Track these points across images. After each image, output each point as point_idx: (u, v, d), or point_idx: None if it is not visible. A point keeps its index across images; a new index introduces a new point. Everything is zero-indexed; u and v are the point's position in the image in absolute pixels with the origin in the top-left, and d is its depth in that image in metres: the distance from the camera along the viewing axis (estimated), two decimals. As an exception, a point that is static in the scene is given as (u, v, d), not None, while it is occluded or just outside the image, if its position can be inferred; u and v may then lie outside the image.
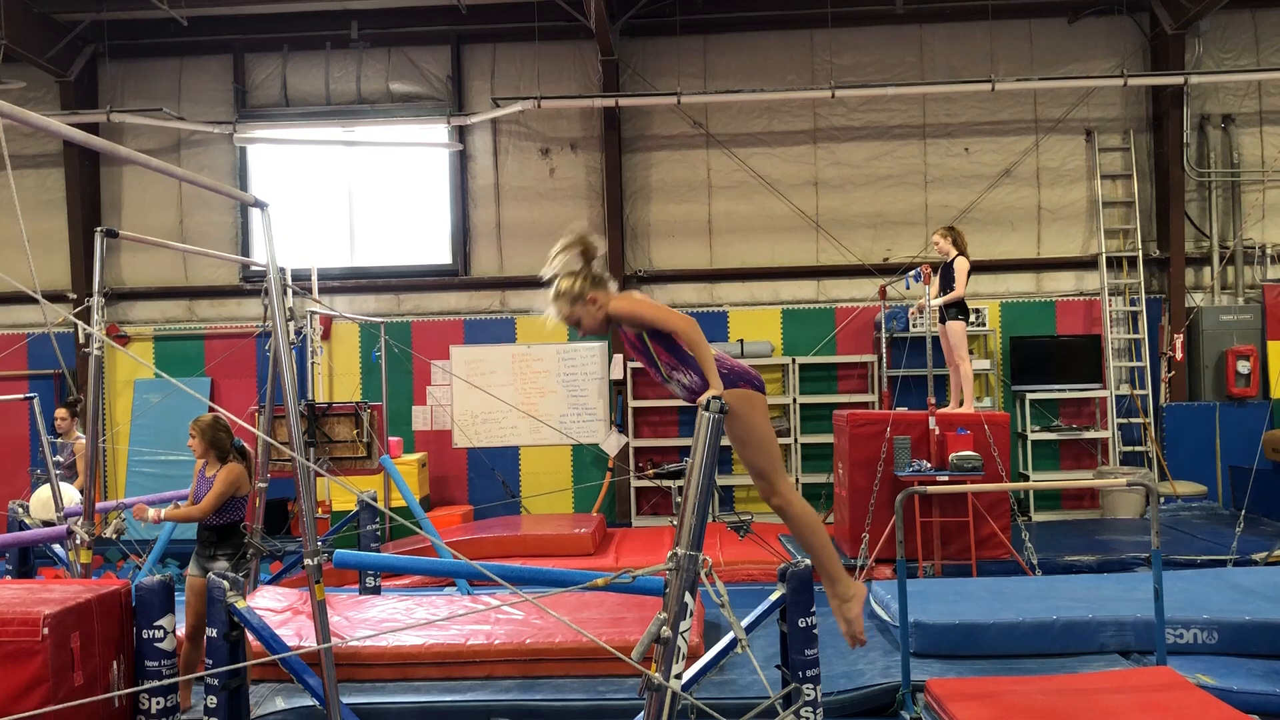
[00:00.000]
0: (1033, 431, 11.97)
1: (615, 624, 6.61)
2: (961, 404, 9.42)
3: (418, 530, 5.56)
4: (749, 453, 3.96)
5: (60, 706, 4.63)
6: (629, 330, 4.08)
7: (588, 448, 12.48)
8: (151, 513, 5.98)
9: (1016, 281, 12.41)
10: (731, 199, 12.53)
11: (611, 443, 12.33)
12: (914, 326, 11.55)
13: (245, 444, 6.36)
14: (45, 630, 4.72)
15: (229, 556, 6.05)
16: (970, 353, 9.90)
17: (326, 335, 12.30)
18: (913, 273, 9.64)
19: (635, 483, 12.28)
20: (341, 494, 10.42)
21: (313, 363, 10.60)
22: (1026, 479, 11.78)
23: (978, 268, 9.79)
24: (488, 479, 12.40)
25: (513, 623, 6.83)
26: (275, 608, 7.00)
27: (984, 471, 8.68)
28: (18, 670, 4.70)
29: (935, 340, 9.53)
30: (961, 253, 9.30)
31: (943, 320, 9.39)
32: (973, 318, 10.36)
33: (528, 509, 12.22)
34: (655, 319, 3.91)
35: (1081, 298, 12.37)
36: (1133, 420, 12.07)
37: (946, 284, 9.39)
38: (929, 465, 8.85)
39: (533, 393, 12.51)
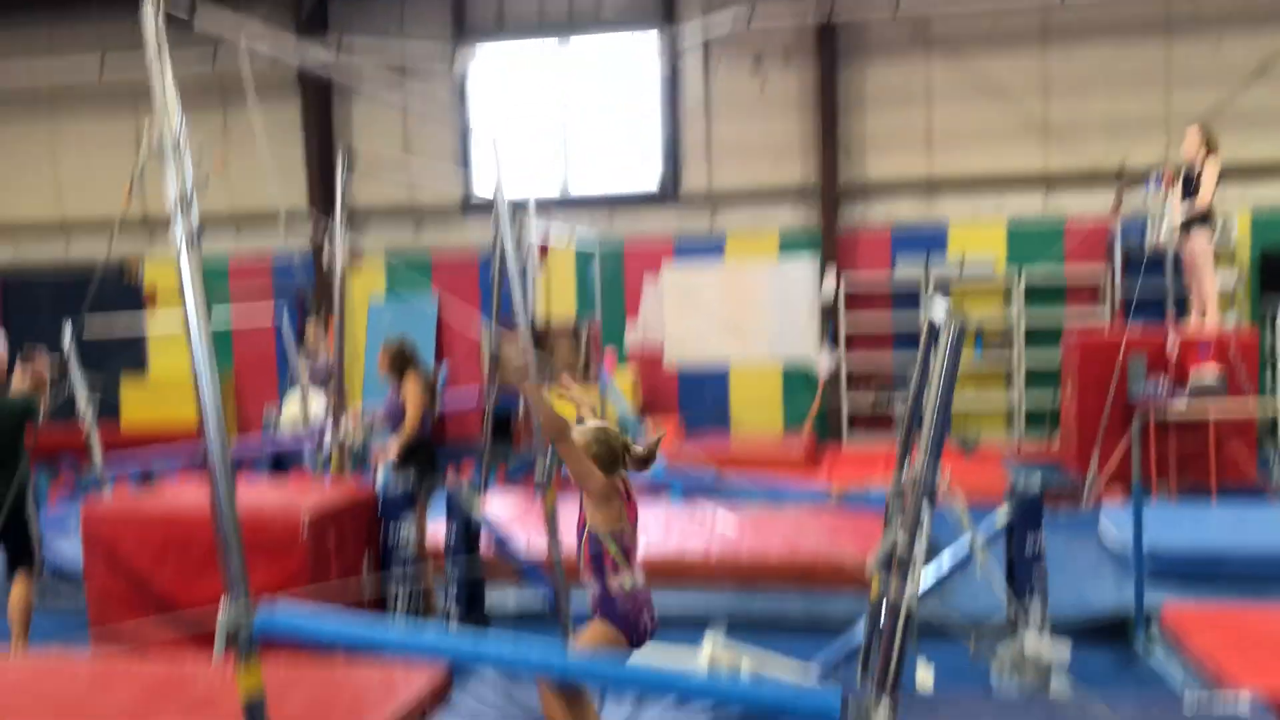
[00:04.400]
0: (1283, 351, 11.08)
1: (833, 542, 6.63)
2: (1204, 321, 8.83)
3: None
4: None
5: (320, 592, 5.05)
6: None
7: (798, 368, 12.41)
8: (386, 454, 6.26)
9: (1269, 189, 11.39)
10: (952, 107, 12.00)
11: (823, 362, 12.21)
12: (1152, 239, 10.83)
13: (430, 367, 6.55)
14: (305, 528, 5.16)
15: (418, 471, 6.12)
16: (1214, 266, 9.21)
17: (543, 256, 12.63)
18: (1152, 179, 9.03)
19: (847, 402, 12.15)
20: (561, 410, 10.75)
21: (532, 284, 10.91)
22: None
23: (1225, 173, 9.06)
24: (698, 397, 12.55)
25: (729, 536, 6.96)
26: (506, 513, 7.37)
27: (1227, 393, 8.16)
28: (283, 562, 5.16)
29: (1176, 254, 8.92)
30: (1212, 154, 8.60)
31: (1186, 231, 8.76)
32: (1219, 228, 9.61)
33: (738, 427, 12.32)
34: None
35: (1345, 205, 11.27)
36: (1402, 339, 11.00)
37: (1189, 192, 8.74)
38: (1166, 386, 8.37)
39: (743, 311, 12.48)
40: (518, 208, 9.57)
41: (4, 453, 5.45)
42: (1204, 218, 8.67)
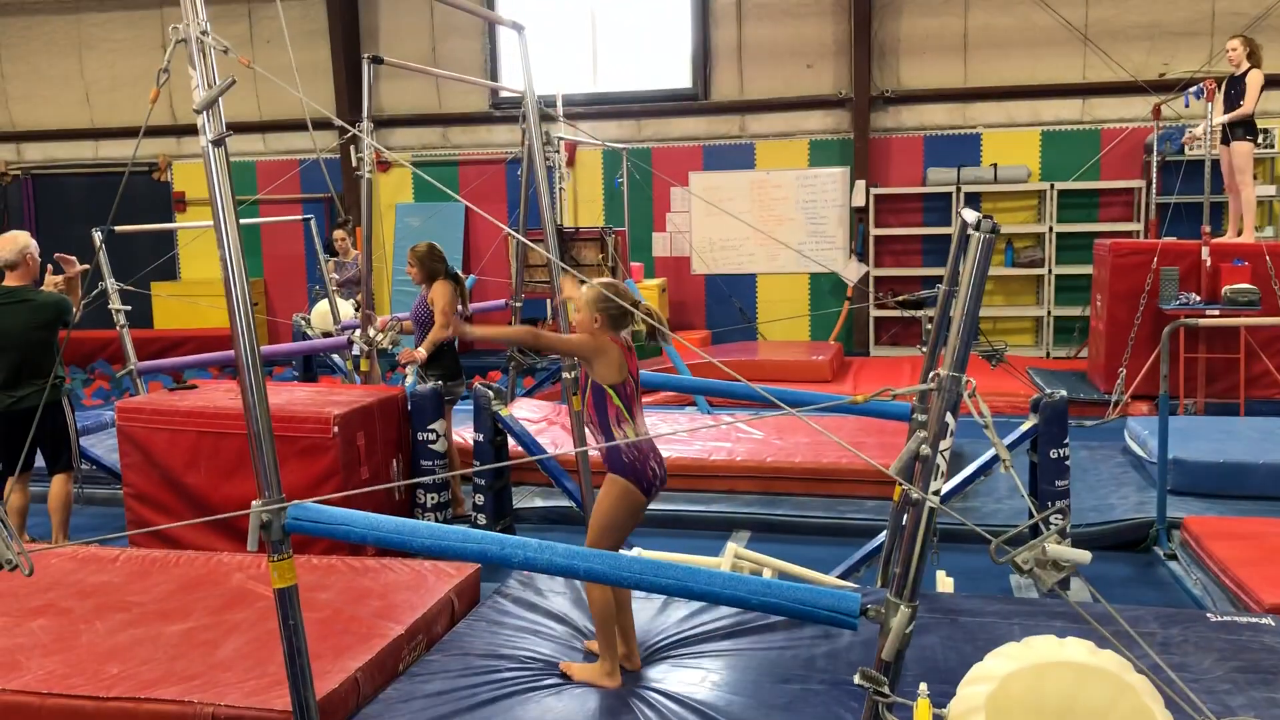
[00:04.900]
0: (1321, 265, 10.89)
1: (857, 448, 6.65)
2: (1240, 233, 8.69)
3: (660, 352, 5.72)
4: (592, 533, 3.74)
5: (350, 494, 5.15)
6: None
7: (826, 276, 12.34)
8: (418, 353, 6.28)
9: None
10: (989, 11, 11.69)
11: (851, 271, 12.13)
12: (1189, 150, 10.60)
13: (458, 271, 6.56)
14: (335, 429, 5.22)
15: (439, 376, 6.12)
16: (1254, 177, 9.03)
17: (571, 161, 12.53)
18: (1193, 89, 8.80)
19: (874, 312, 12.11)
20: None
21: (559, 188, 10.86)
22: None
23: (1268, 83, 8.80)
24: (725, 305, 12.53)
25: (753, 442, 7.01)
26: (532, 418, 7.45)
27: (1261, 306, 8.06)
28: (313, 463, 5.24)
29: (1215, 164, 8.74)
30: (1256, 65, 8.38)
31: (1225, 141, 8.57)
32: (1260, 139, 9.38)
33: (764, 335, 12.32)
34: None
35: (1393, 115, 10.96)
36: None
37: (1231, 102, 8.52)
38: (1198, 298, 8.28)
39: (771, 220, 12.37)
40: (546, 106, 9.47)
41: (38, 353, 5.52)
42: (1246, 129, 8.47)
